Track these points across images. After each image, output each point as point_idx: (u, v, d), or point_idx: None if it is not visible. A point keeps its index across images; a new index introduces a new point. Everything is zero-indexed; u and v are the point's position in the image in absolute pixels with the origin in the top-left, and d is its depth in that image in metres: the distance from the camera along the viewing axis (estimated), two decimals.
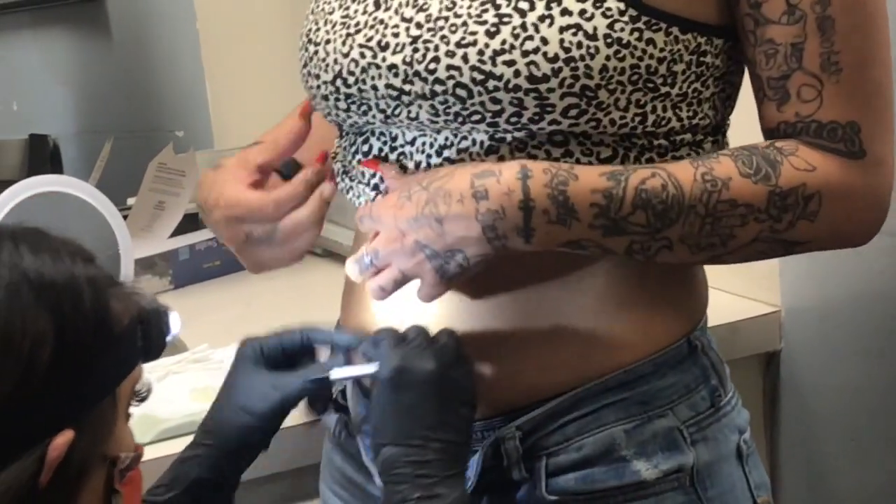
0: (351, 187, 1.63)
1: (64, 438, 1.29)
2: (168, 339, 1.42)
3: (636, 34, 1.46)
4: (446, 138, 1.52)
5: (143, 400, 1.42)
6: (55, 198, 2.25)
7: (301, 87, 2.13)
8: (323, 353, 1.62)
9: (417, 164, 1.55)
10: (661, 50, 1.48)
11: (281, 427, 1.62)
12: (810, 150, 1.48)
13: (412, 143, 1.55)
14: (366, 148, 1.60)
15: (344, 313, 1.71)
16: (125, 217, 2.37)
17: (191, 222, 2.60)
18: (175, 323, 1.44)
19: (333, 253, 2.61)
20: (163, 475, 1.57)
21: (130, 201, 2.53)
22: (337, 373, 1.57)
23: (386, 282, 1.50)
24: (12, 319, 1.27)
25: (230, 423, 1.57)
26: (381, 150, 1.58)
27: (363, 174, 1.60)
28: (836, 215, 1.50)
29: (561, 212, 1.44)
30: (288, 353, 1.61)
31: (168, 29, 3.47)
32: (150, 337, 1.39)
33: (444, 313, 1.56)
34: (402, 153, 1.56)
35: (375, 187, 1.60)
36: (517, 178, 1.43)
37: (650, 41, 1.47)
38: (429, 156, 1.55)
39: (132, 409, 1.40)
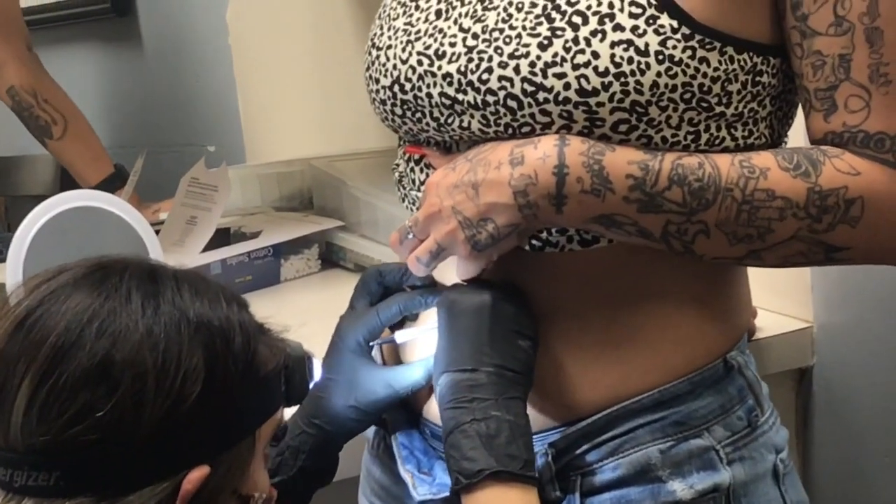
0: (406, 195, 1.61)
1: (199, 473, 1.31)
2: (311, 385, 1.45)
3: (689, 52, 1.45)
4: None
5: (279, 440, 1.46)
6: (88, 212, 2.22)
7: (333, 102, 2.13)
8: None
9: None
10: (716, 69, 1.46)
11: None
12: (856, 157, 1.45)
13: None
14: (418, 156, 1.60)
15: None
16: (157, 232, 2.35)
17: (222, 237, 2.58)
18: (318, 370, 1.46)
19: (364, 267, 2.55)
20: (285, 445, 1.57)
21: (163, 216, 2.51)
22: (401, 336, 1.58)
23: (422, 252, 1.50)
24: (169, 353, 1.30)
25: (341, 416, 1.55)
26: (433, 148, 1.58)
27: (413, 182, 1.60)
28: (879, 225, 1.46)
29: (595, 181, 1.43)
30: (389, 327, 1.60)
31: (200, 44, 3.48)
32: (293, 383, 1.42)
33: None
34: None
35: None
36: (554, 145, 1.44)
37: (703, 60, 1.45)
38: None
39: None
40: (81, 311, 1.30)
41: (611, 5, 1.45)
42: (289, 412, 1.45)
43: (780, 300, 2.21)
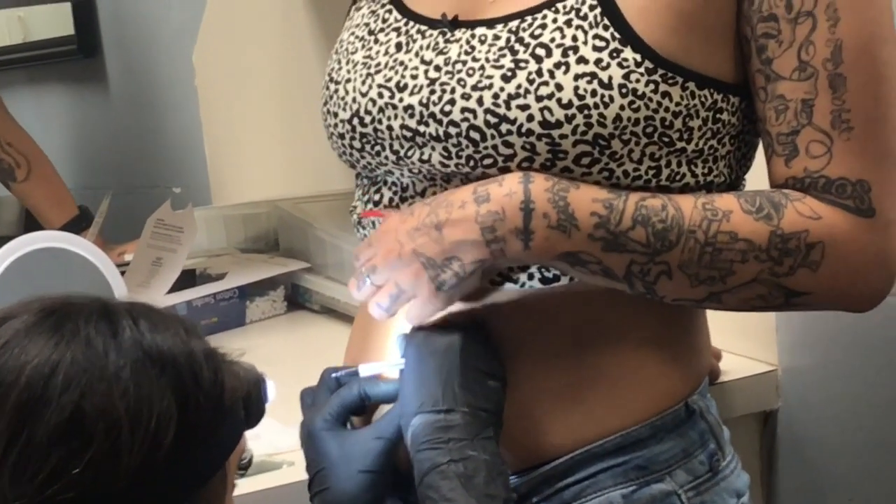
0: (364, 236, 1.60)
1: None
2: (266, 405, 1.42)
3: (652, 86, 1.45)
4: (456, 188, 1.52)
5: (245, 469, 1.45)
6: (53, 254, 2.22)
7: (299, 144, 2.11)
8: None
9: None
10: (678, 104, 1.46)
11: None
12: (816, 201, 1.46)
13: (422, 193, 1.54)
14: (377, 197, 1.59)
15: (359, 341, 1.68)
16: (123, 273, 2.34)
17: (188, 278, 2.59)
18: (271, 390, 1.42)
19: (330, 309, 2.61)
20: None
21: (128, 257, 2.51)
22: (367, 367, 1.55)
23: (382, 297, 1.50)
24: (140, 398, 1.26)
25: (355, 492, 1.52)
26: (391, 199, 1.58)
27: (373, 223, 1.59)
28: (840, 270, 1.47)
29: (561, 217, 1.43)
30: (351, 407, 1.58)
31: (166, 86, 3.51)
32: (252, 407, 1.39)
33: None
34: (412, 204, 1.56)
35: None
36: (519, 182, 1.44)
37: (666, 94, 1.45)
38: None
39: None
40: (42, 363, 1.25)
41: (574, 38, 1.45)
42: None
43: (744, 343, 2.24)
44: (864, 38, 1.46)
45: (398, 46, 1.55)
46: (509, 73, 1.46)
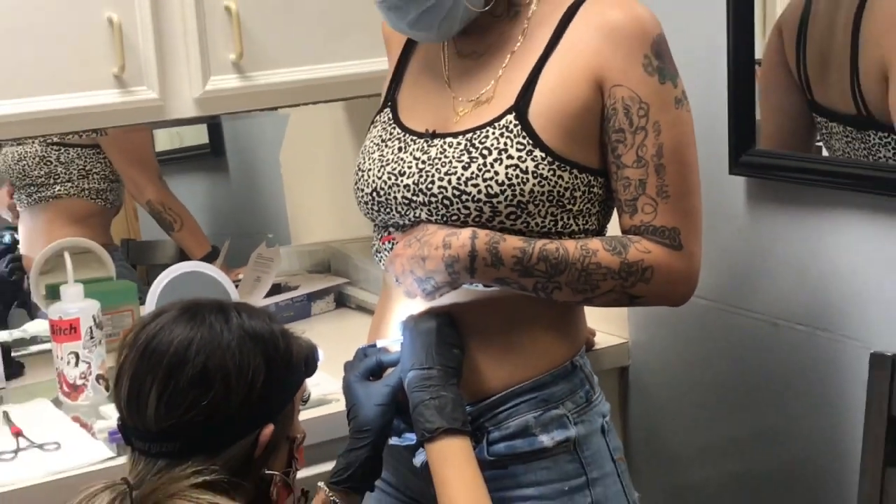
0: (380, 260, 1.60)
1: (269, 430, 1.31)
2: (319, 364, 1.42)
3: (551, 172, 1.46)
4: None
5: (305, 402, 1.42)
6: (196, 274, 2.25)
7: (342, 209, 2.10)
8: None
9: None
10: (567, 182, 1.48)
11: None
12: (648, 242, 1.48)
13: None
14: (388, 234, 1.59)
15: (378, 323, 1.66)
16: (237, 286, 2.38)
17: (275, 289, 2.55)
18: (321, 354, 1.42)
19: (361, 307, 2.59)
20: (336, 465, 1.50)
21: (240, 277, 2.54)
22: (381, 342, 1.57)
23: (404, 293, 1.52)
24: (242, 360, 1.29)
25: (374, 417, 1.48)
26: (396, 231, 1.58)
27: (387, 249, 1.58)
28: (662, 283, 1.50)
29: (493, 260, 1.45)
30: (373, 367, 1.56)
31: (264, 173, 3.46)
32: (309, 364, 1.39)
33: None
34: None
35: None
36: (469, 237, 1.45)
37: (560, 176, 1.47)
38: None
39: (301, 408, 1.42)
40: (183, 339, 1.29)
41: (505, 144, 1.46)
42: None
43: (608, 325, 2.23)
44: (675, 142, 1.47)
45: (399, 149, 1.55)
46: (466, 165, 1.47)
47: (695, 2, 1.91)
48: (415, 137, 1.56)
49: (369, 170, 1.58)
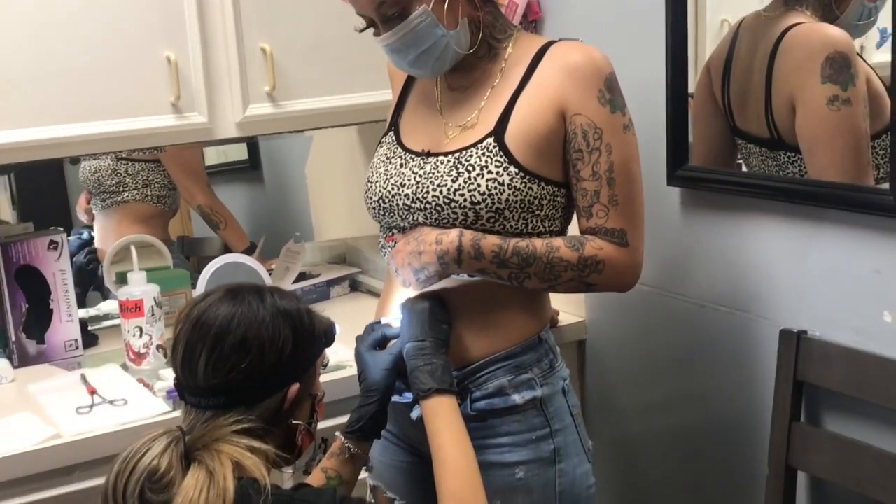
0: (385, 253, 1.58)
1: (295, 388, 1.31)
2: (336, 336, 1.41)
3: (524, 183, 1.45)
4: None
5: (325, 366, 1.41)
6: (237, 265, 2.25)
7: (355, 212, 2.06)
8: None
9: None
10: (536, 192, 1.46)
11: None
12: (601, 240, 1.47)
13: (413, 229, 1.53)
14: (391, 233, 1.58)
15: (383, 304, 1.64)
16: (270, 273, 2.37)
17: (302, 276, 2.51)
18: (337, 329, 1.41)
19: (370, 291, 2.57)
20: (350, 418, 1.47)
21: (273, 267, 2.53)
22: (385, 319, 1.55)
23: (403, 282, 1.50)
24: (274, 331, 1.29)
25: (380, 379, 1.45)
26: (397, 233, 1.57)
27: (390, 247, 1.56)
28: (612, 273, 1.48)
29: (476, 254, 1.44)
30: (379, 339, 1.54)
31: (292, 184, 3.35)
32: (329, 335, 1.38)
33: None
34: (409, 232, 1.53)
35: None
36: (456, 236, 1.44)
37: (530, 187, 1.46)
38: None
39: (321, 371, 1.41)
40: (227, 314, 1.28)
41: (486, 161, 1.44)
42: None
43: (569, 307, 2.22)
44: (623, 160, 1.46)
45: (400, 165, 1.54)
46: (455, 179, 1.46)
47: (639, 46, 1.90)
48: (413, 156, 1.54)
49: (376, 182, 1.57)
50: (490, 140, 1.47)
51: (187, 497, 1.18)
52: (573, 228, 1.56)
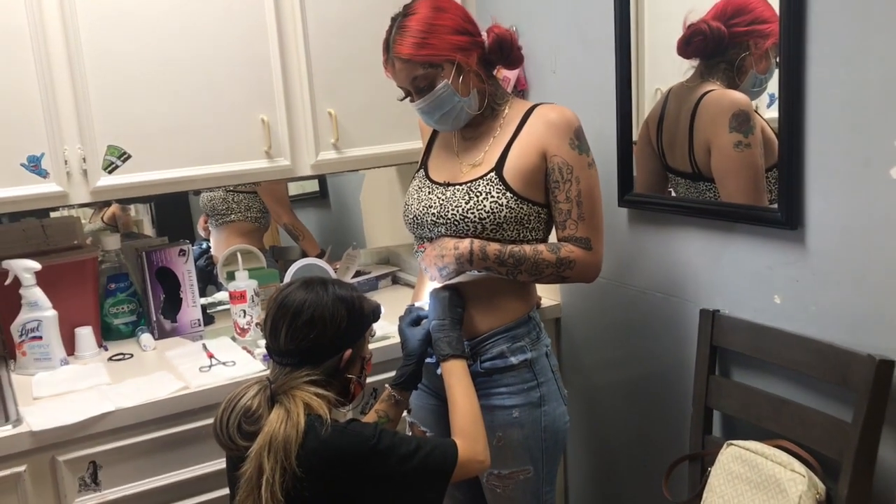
0: (418, 256, 1.55)
1: (349, 352, 1.28)
2: (381, 315, 1.36)
3: (517, 204, 1.43)
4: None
5: (373, 336, 1.39)
6: (312, 265, 2.16)
7: (397, 228, 2.03)
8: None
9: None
10: (526, 211, 1.45)
11: None
12: (573, 246, 1.46)
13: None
14: (421, 242, 1.55)
15: (416, 293, 1.61)
16: (335, 272, 2.35)
17: (357, 274, 2.45)
18: (382, 310, 1.37)
19: (408, 284, 2.50)
20: (395, 373, 1.41)
21: (337, 266, 2.49)
22: (418, 303, 1.51)
23: (431, 277, 1.48)
24: (335, 312, 1.26)
25: (416, 346, 1.41)
26: (425, 242, 1.53)
27: (421, 252, 1.53)
28: (581, 269, 1.46)
29: (483, 256, 1.43)
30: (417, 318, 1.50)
31: (350, 208, 3.23)
32: (376, 314, 1.34)
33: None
34: (434, 241, 1.51)
35: None
36: (469, 244, 1.43)
37: (521, 208, 1.44)
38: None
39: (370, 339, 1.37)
40: (301, 300, 1.25)
41: (490, 189, 1.43)
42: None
43: (550, 294, 2.17)
44: (588, 188, 1.45)
45: (428, 192, 1.53)
46: (467, 202, 1.45)
47: (597, 107, 1.88)
48: (437, 185, 1.53)
49: (411, 205, 1.56)
50: (492, 174, 1.47)
51: (272, 427, 1.18)
52: (552, 238, 1.55)
